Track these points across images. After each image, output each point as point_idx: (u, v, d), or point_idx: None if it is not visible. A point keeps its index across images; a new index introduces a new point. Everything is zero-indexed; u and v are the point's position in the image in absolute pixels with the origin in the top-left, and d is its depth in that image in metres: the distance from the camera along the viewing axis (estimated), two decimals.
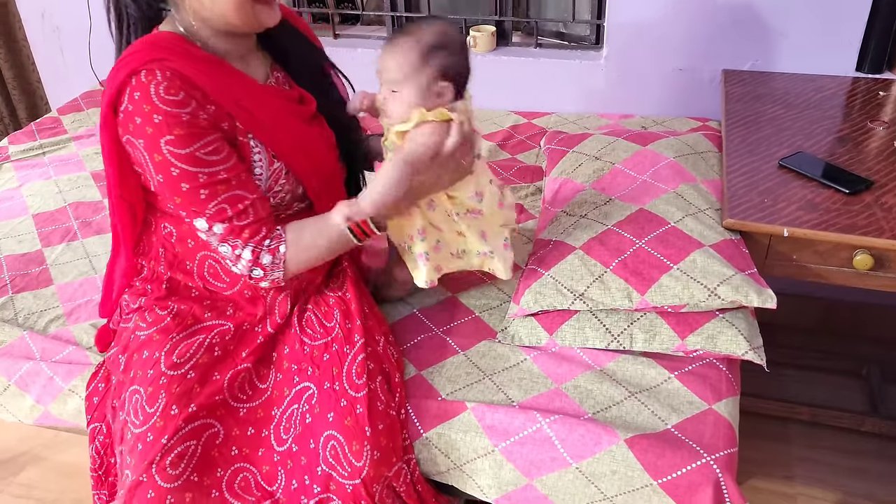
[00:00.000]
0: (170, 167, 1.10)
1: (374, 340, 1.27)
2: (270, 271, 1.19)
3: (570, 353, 1.31)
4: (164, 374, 1.19)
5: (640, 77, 2.15)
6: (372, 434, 1.14)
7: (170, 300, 1.28)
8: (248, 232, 1.16)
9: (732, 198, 1.46)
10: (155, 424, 1.15)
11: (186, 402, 1.17)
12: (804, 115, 1.78)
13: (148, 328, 1.25)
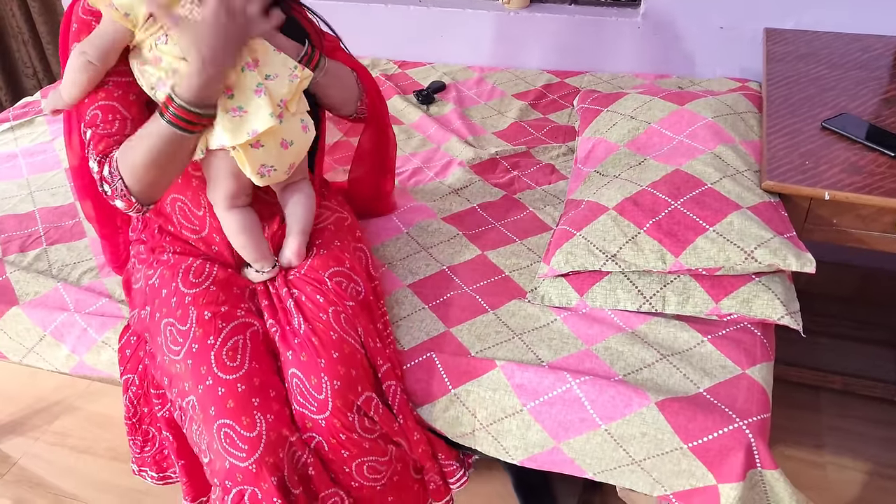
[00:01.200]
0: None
1: (318, 279, 1.25)
2: (111, 183, 1.15)
3: (601, 314, 1.30)
4: (187, 294, 1.22)
5: (677, 36, 2.09)
6: (327, 364, 1.15)
7: (164, 243, 1.32)
8: (104, 145, 1.16)
9: (772, 159, 1.42)
10: (195, 335, 1.17)
11: (217, 305, 1.20)
12: (849, 75, 1.72)
13: (155, 273, 1.28)
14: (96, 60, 1.12)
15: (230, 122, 1.11)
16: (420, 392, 1.23)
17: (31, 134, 1.99)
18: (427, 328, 1.31)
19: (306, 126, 1.21)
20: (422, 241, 1.51)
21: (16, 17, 2.96)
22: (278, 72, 1.15)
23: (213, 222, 1.29)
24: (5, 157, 1.89)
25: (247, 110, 1.11)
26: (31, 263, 1.52)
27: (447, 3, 2.31)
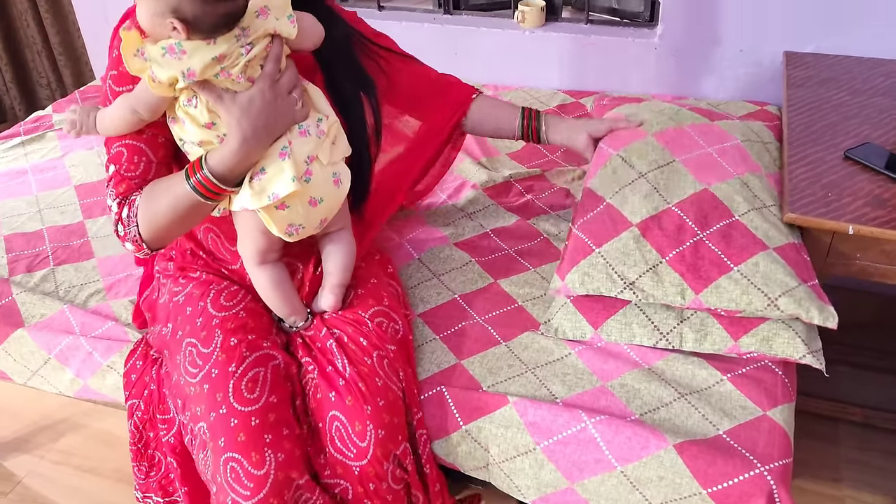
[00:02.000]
0: (105, 100, 1.15)
1: (359, 320, 1.23)
2: (127, 225, 1.13)
3: (617, 348, 1.27)
4: (216, 316, 1.18)
5: (695, 57, 2.07)
6: (373, 412, 1.11)
7: (196, 264, 1.29)
8: (125, 186, 1.14)
9: (794, 190, 1.38)
10: (217, 359, 1.13)
11: (244, 334, 1.17)
12: (872, 102, 1.68)
13: (184, 289, 1.25)
14: (146, 116, 1.09)
15: (251, 186, 1.08)
16: (432, 427, 1.20)
17: (42, 150, 1.98)
18: (438, 360, 1.28)
19: (339, 180, 1.16)
20: (434, 269, 1.48)
21: (30, 27, 2.97)
22: (307, 125, 1.11)
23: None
24: (15, 173, 1.88)
25: (268, 172, 1.08)
26: (38, 284, 1.51)
27: (462, 20, 2.29)
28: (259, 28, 1.03)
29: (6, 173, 1.88)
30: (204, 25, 0.99)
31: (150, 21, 1.00)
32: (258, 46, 1.04)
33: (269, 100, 1.05)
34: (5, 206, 1.74)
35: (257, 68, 1.05)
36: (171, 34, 0.99)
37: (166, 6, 0.97)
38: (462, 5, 2.34)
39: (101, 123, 1.13)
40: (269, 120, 1.05)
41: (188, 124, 1.07)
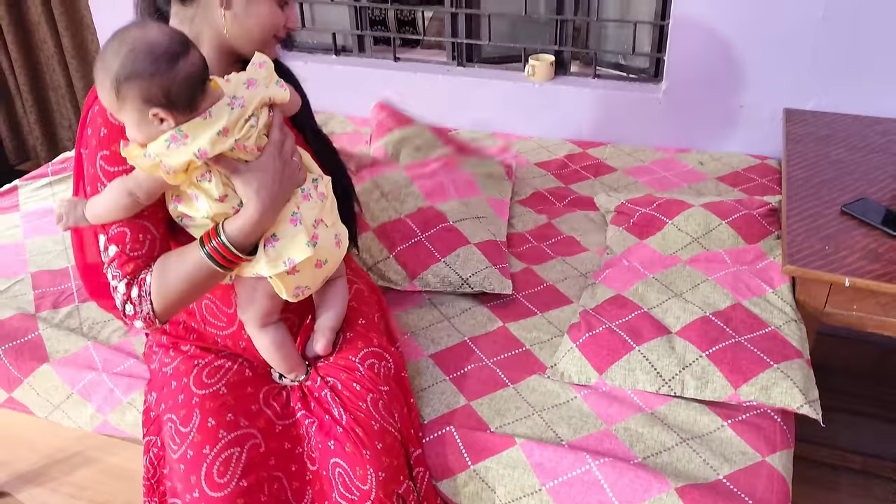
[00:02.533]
0: (97, 182, 1.11)
1: (350, 366, 1.25)
2: (139, 305, 1.11)
3: (621, 393, 1.31)
4: (195, 395, 1.19)
5: (698, 112, 2.14)
6: (372, 456, 1.14)
7: (190, 336, 1.32)
8: (133, 266, 1.12)
9: (793, 243, 1.44)
10: (193, 440, 1.15)
11: (222, 413, 1.18)
12: (868, 158, 1.75)
13: (172, 362, 1.28)
14: (145, 200, 1.09)
15: (266, 253, 1.11)
16: (440, 467, 1.24)
17: (69, 190, 2.06)
18: (447, 400, 1.32)
19: (339, 241, 1.21)
20: (444, 311, 1.54)
21: (56, 72, 3.09)
22: (307, 188, 1.15)
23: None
24: (43, 212, 1.95)
25: (280, 238, 1.11)
26: (63, 321, 1.56)
27: (474, 73, 2.38)
28: (254, 98, 1.07)
29: (34, 212, 1.95)
30: (180, 99, 1.01)
31: (139, 128, 1.02)
32: (262, 116, 1.08)
33: (279, 167, 1.09)
34: (33, 244, 1.81)
35: (263, 137, 1.10)
36: (161, 126, 1.02)
37: (140, 101, 0.99)
38: (475, 58, 2.44)
39: (92, 211, 1.10)
40: (282, 187, 1.10)
41: (201, 199, 1.08)
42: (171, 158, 1.01)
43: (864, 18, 1.87)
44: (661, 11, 2.14)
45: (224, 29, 1.16)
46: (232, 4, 1.14)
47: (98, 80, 1.01)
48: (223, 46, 1.18)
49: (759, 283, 1.47)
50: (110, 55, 1.00)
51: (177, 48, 1.01)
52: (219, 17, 1.15)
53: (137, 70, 0.98)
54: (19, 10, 3.01)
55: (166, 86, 0.99)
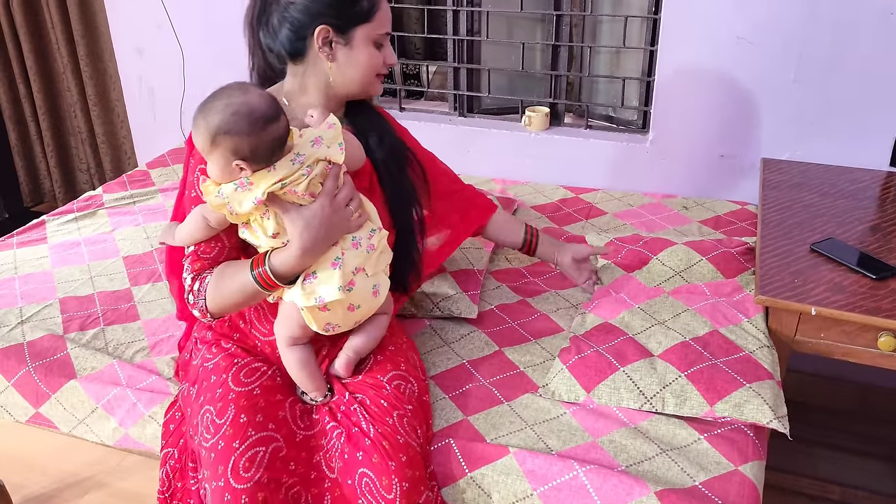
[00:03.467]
0: (189, 190, 1.34)
1: (378, 384, 1.36)
2: (196, 298, 1.32)
3: (607, 410, 1.42)
4: (232, 391, 1.31)
5: (682, 160, 2.30)
6: (398, 468, 1.23)
7: (233, 335, 1.45)
8: (200, 265, 1.32)
9: (765, 276, 1.57)
10: (225, 433, 1.25)
11: (253, 412, 1.28)
12: (837, 204, 1.89)
13: (213, 358, 1.40)
14: (216, 226, 1.29)
15: (303, 286, 1.27)
16: (441, 475, 1.34)
17: (93, 225, 2.20)
18: (447, 416, 1.43)
19: (378, 291, 1.34)
20: (444, 337, 1.66)
21: (77, 118, 3.26)
22: (360, 237, 1.31)
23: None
24: (69, 244, 2.09)
25: (318, 276, 1.27)
26: (90, 341, 1.68)
27: (475, 122, 2.55)
28: (313, 156, 1.23)
29: (61, 245, 2.09)
30: (262, 156, 1.20)
31: (221, 172, 1.21)
32: (317, 168, 1.24)
33: (328, 214, 1.25)
34: (61, 273, 1.94)
35: (318, 185, 1.25)
36: (240, 174, 1.21)
37: (229, 152, 1.18)
38: (475, 109, 2.61)
39: (178, 236, 1.32)
40: (327, 232, 1.26)
41: (259, 232, 1.26)
42: (236, 201, 1.20)
43: (831, 80, 2.04)
44: (647, 69, 2.32)
45: (330, 78, 1.36)
46: (336, 57, 1.35)
47: (196, 126, 1.20)
48: (330, 92, 1.39)
49: (736, 312, 1.60)
50: (214, 111, 1.18)
51: (270, 114, 1.20)
52: (326, 69, 1.35)
53: (235, 129, 1.18)
54: (46, 60, 3.20)
55: (254, 145, 1.19)
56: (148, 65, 2.88)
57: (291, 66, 1.39)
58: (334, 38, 1.34)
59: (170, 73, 2.75)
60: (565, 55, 2.44)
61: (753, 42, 2.07)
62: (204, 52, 2.70)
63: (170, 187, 2.43)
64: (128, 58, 2.91)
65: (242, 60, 1.47)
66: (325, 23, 1.32)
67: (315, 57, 1.35)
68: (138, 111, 3.03)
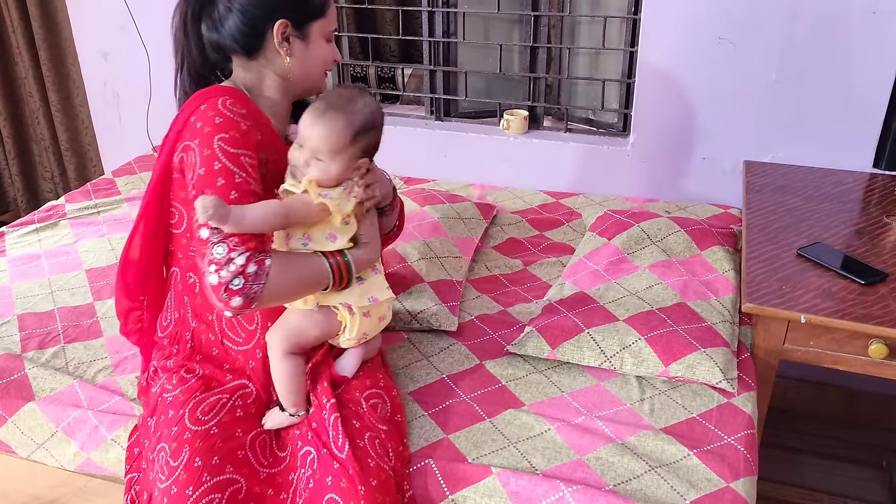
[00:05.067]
0: (214, 161, 1.21)
1: (354, 400, 1.32)
2: (251, 283, 1.15)
3: (593, 424, 1.37)
4: (188, 430, 1.24)
5: (664, 164, 2.26)
6: (367, 492, 1.17)
7: (195, 362, 1.37)
8: (254, 244, 1.19)
9: (751, 283, 1.53)
10: (179, 478, 1.18)
11: (210, 455, 1.21)
12: (822, 207, 1.86)
13: (173, 389, 1.32)
14: (288, 224, 1.25)
15: (357, 287, 1.32)
16: (420, 498, 1.28)
17: (55, 236, 2.10)
18: (426, 434, 1.37)
19: (391, 306, 1.43)
20: (423, 350, 1.59)
21: (40, 125, 3.15)
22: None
23: (262, 340, 1.33)
24: (29, 257, 1.99)
25: (366, 280, 1.33)
26: (49, 360, 1.59)
27: (452, 126, 2.49)
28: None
29: (21, 258, 1.99)
30: (375, 151, 1.31)
31: (343, 168, 1.24)
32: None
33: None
34: (19, 288, 1.85)
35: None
36: (355, 173, 1.27)
37: (361, 150, 1.26)
38: (452, 113, 2.55)
39: (240, 222, 1.17)
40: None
41: (338, 237, 1.28)
42: (344, 204, 1.25)
43: (813, 81, 2.01)
44: (627, 70, 2.27)
45: (290, 74, 1.33)
46: (293, 52, 1.31)
47: (334, 125, 1.22)
48: (288, 88, 1.36)
49: (706, 290, 1.67)
50: (356, 111, 1.25)
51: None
52: (282, 63, 1.32)
53: (374, 127, 1.27)
54: (6, 64, 3.09)
55: (377, 141, 1.30)
56: (113, 69, 2.79)
57: (243, 61, 1.33)
58: (291, 33, 1.31)
59: (135, 77, 2.66)
60: (544, 57, 2.39)
61: (735, 43, 2.04)
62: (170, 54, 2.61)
63: (136, 196, 2.35)
64: (92, 61, 2.81)
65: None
66: (284, 17, 1.28)
67: (272, 52, 1.31)
68: (103, 117, 2.93)
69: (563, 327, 1.55)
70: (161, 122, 2.68)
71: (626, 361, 1.48)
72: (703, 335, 1.50)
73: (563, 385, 1.48)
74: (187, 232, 1.33)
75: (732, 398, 1.43)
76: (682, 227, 1.86)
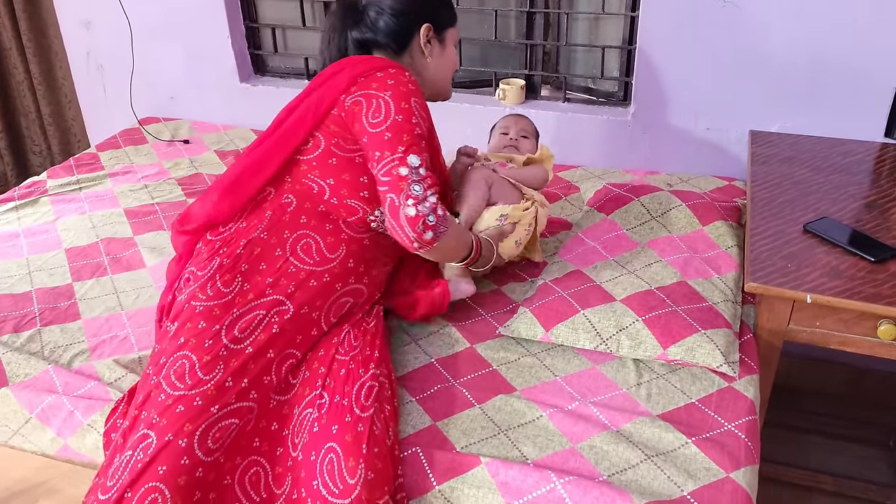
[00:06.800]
0: (411, 115, 1.35)
1: (386, 375, 1.33)
2: (440, 222, 1.31)
3: (587, 411, 1.31)
4: (225, 347, 1.24)
5: (666, 135, 2.17)
6: (367, 453, 1.16)
7: (238, 271, 1.33)
8: (437, 188, 1.34)
9: (755, 261, 1.45)
10: (207, 391, 1.18)
11: (241, 377, 1.22)
12: (830, 179, 1.78)
13: (207, 300, 1.29)
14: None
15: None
16: (408, 486, 1.22)
17: (35, 214, 2.04)
18: (413, 422, 1.31)
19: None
20: (412, 333, 1.53)
21: (25, 98, 3.06)
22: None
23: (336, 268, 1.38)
24: (7, 235, 1.93)
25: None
26: (24, 344, 1.54)
27: None
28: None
29: None
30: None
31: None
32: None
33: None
34: None
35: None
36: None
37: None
38: None
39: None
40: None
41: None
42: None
43: (823, 46, 1.91)
44: (628, 36, 2.18)
45: (427, 70, 1.52)
46: (433, 53, 1.52)
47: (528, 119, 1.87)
48: (421, 85, 1.46)
49: (707, 268, 1.60)
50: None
51: None
52: (423, 62, 1.52)
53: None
54: None
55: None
56: (96, 39, 2.70)
57: (391, 55, 1.48)
58: (433, 37, 1.51)
59: (119, 48, 2.57)
60: (541, 22, 2.29)
61: (740, 6, 1.94)
62: (151, 22, 2.53)
63: (120, 171, 2.28)
64: (74, 32, 2.72)
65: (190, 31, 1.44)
66: (428, 21, 1.48)
67: (416, 51, 1.50)
68: (88, 90, 2.84)
69: (558, 308, 1.49)
70: (144, 94, 2.64)
71: (623, 344, 1.41)
72: (703, 316, 1.43)
73: (556, 369, 1.42)
74: (314, 160, 1.41)
75: (734, 382, 1.36)
76: (684, 202, 1.78)
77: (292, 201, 1.41)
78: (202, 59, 2.57)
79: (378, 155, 1.34)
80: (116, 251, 1.85)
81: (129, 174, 2.26)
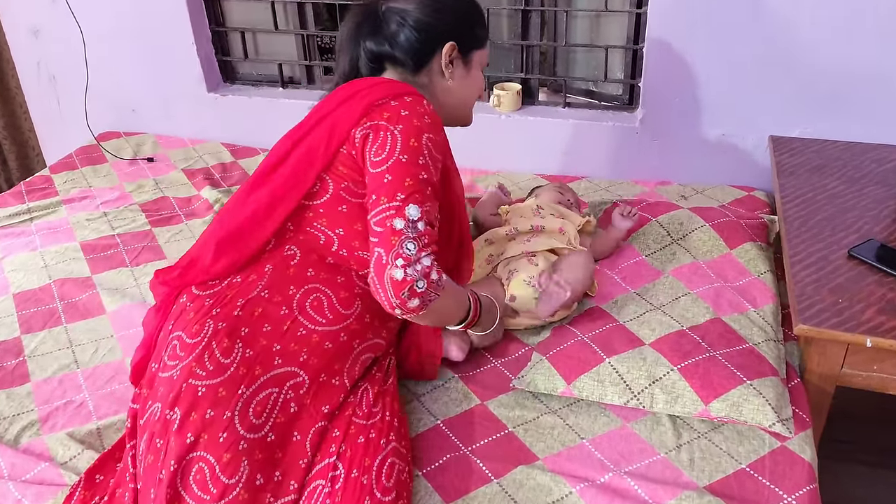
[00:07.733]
0: (419, 155, 1.17)
1: (406, 448, 1.18)
2: (431, 289, 1.13)
3: (622, 484, 1.13)
4: (244, 438, 1.08)
5: (677, 141, 2.00)
6: None
7: (237, 336, 1.15)
8: (435, 248, 1.16)
9: (801, 296, 1.28)
10: (238, 497, 1.04)
11: (272, 470, 1.08)
12: (867, 192, 1.61)
13: (208, 378, 1.10)
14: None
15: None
16: None
17: None
18: (422, 502, 1.12)
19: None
20: (413, 388, 1.34)
21: None
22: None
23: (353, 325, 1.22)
24: None
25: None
26: None
27: None
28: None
29: None
30: None
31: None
32: None
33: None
34: None
35: None
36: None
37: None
38: None
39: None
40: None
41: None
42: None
43: (848, 43, 1.74)
44: (633, 35, 1.99)
45: (447, 94, 1.35)
46: (455, 75, 1.34)
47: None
48: (438, 111, 1.27)
49: (742, 300, 1.43)
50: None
51: None
52: (443, 84, 1.34)
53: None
54: None
55: None
56: (46, 48, 2.46)
57: (407, 75, 1.31)
58: (456, 57, 1.33)
59: (71, 57, 2.33)
60: (537, 21, 2.10)
61: (759, 3, 1.76)
62: (105, 28, 2.30)
63: (76, 197, 2.06)
64: (22, 40, 2.48)
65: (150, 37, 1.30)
66: (453, 39, 1.31)
67: (436, 72, 1.33)
68: (40, 103, 2.60)
69: (579, 356, 1.31)
70: (103, 106, 2.40)
71: (658, 398, 1.24)
72: (746, 362, 1.27)
73: (582, 430, 1.24)
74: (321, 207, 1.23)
75: (787, 441, 1.19)
76: (707, 221, 1.62)
77: (295, 253, 1.23)
78: (165, 67, 2.35)
79: (374, 199, 1.15)
80: (72, 294, 1.64)
81: (86, 199, 2.05)
